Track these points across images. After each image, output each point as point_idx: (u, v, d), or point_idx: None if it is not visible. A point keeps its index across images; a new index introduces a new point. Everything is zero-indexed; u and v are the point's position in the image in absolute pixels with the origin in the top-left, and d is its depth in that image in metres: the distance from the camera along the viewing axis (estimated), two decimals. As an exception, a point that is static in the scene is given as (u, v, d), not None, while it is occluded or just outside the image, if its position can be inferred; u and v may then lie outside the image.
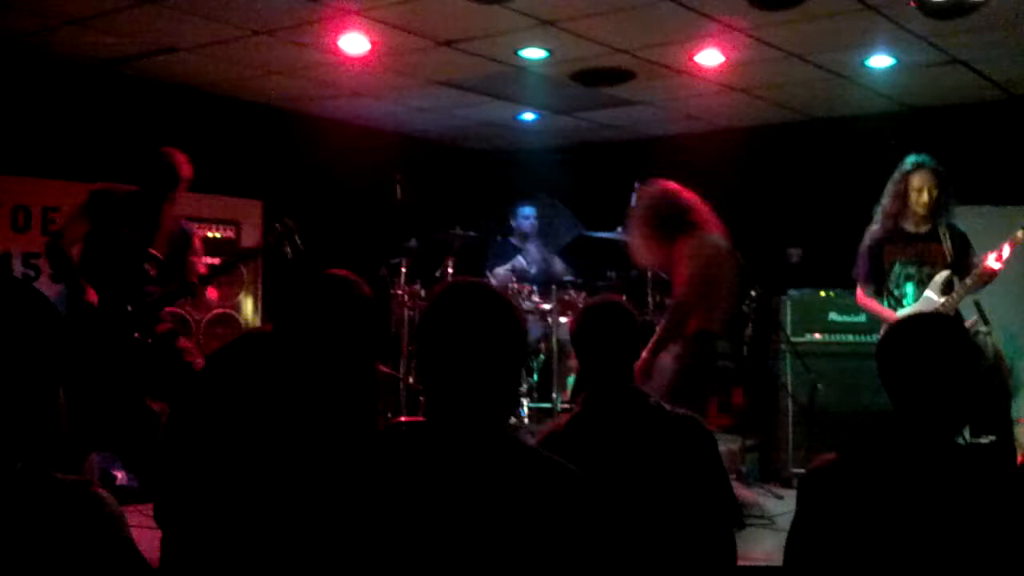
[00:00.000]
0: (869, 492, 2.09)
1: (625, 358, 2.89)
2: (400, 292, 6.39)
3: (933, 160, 4.99)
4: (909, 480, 2.08)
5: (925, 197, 4.91)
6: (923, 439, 2.12)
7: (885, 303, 5.05)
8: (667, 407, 2.95)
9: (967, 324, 4.77)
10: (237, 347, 3.16)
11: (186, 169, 4.84)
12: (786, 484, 6.03)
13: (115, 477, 5.18)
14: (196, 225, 6.87)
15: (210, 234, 6.97)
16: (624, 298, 3.32)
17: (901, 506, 2.05)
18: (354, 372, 3.01)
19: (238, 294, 7.08)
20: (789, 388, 6.25)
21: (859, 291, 5.19)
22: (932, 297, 4.85)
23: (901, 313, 4.88)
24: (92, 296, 4.62)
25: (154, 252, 4.79)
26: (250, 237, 7.16)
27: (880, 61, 6.24)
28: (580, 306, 6.41)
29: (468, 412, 1.88)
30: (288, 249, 4.90)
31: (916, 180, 4.93)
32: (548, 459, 1.92)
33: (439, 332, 1.92)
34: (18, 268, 5.98)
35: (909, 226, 4.99)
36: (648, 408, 2.88)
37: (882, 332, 2.35)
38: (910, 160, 5.00)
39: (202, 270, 4.99)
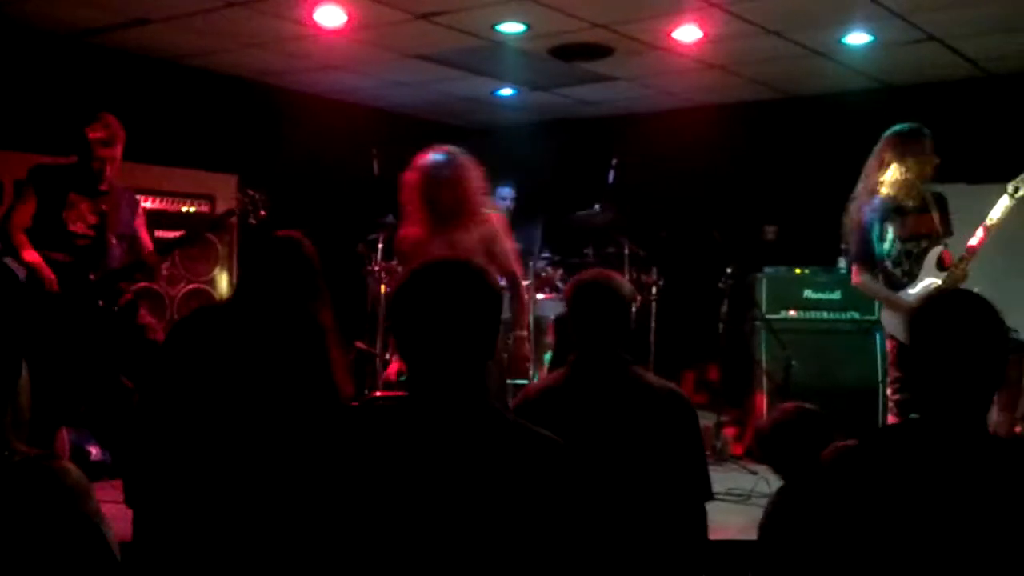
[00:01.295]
0: (899, 481, 2.03)
1: (615, 330, 2.90)
2: (377, 268, 6.36)
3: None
4: (940, 468, 2.02)
5: (936, 160, 4.75)
6: (954, 423, 2.05)
7: (882, 282, 4.81)
8: (649, 377, 2.95)
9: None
10: (193, 320, 3.17)
11: (120, 131, 4.76)
12: (760, 460, 6.07)
13: (89, 452, 5.15)
14: (170, 199, 6.89)
15: (184, 208, 6.92)
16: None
17: (934, 495, 2.00)
18: (304, 328, 3.03)
19: (213, 269, 7.04)
20: (764, 365, 6.28)
21: (856, 273, 4.89)
22: (932, 274, 4.70)
23: (908, 292, 4.70)
24: (48, 273, 4.55)
25: (111, 220, 4.76)
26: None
27: (857, 38, 6.25)
28: (561, 282, 6.47)
29: (450, 386, 1.89)
30: (252, 219, 4.89)
31: (929, 145, 4.75)
32: (533, 431, 1.92)
33: (416, 306, 1.92)
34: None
35: (904, 199, 4.77)
36: (629, 377, 2.88)
37: (914, 308, 2.26)
38: (914, 127, 4.79)
39: (148, 242, 4.96)
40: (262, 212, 4.89)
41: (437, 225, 4.49)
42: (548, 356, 6.59)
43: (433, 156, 4.57)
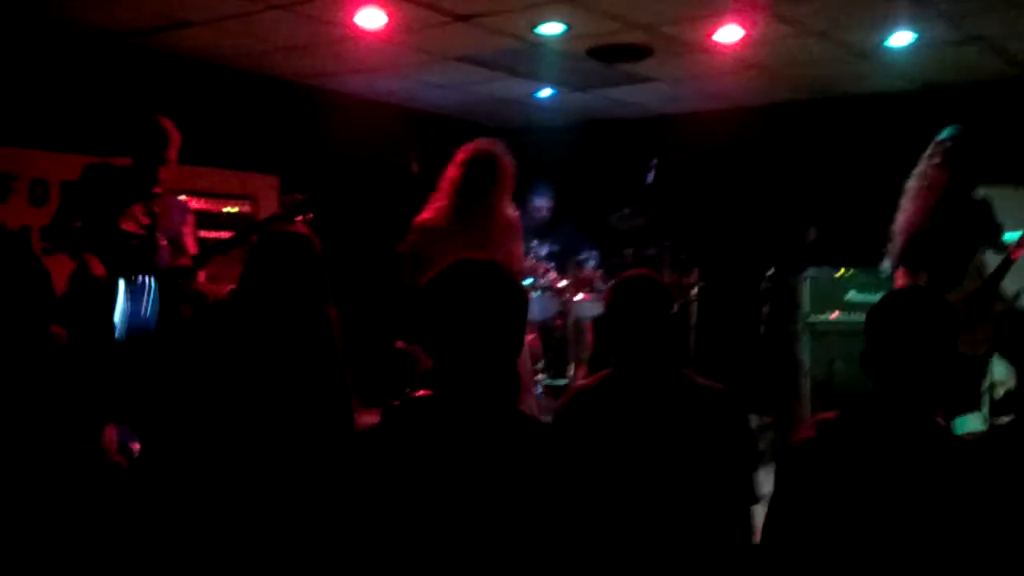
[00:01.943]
0: (849, 471, 2.12)
1: (659, 330, 2.88)
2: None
3: None
4: (888, 460, 2.11)
5: (981, 164, 4.71)
6: (905, 418, 2.16)
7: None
8: (698, 379, 2.93)
9: (1011, 293, 4.62)
10: (206, 318, 3.22)
11: (175, 134, 4.82)
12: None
13: (133, 450, 5.21)
14: (213, 200, 6.96)
15: (227, 209, 6.99)
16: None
17: (881, 485, 2.08)
18: (312, 324, 3.07)
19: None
20: (806, 367, 6.23)
21: (900, 276, 4.81)
22: (973, 279, 4.64)
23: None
24: (99, 270, 4.62)
25: (164, 223, 4.82)
26: (267, 212, 7.16)
27: (900, 39, 6.18)
28: (600, 282, 6.47)
29: (475, 385, 1.90)
30: (300, 221, 4.91)
31: (976, 149, 4.70)
32: (552, 432, 1.94)
33: (444, 306, 1.93)
34: (35, 242, 6.00)
35: (949, 203, 4.70)
36: (678, 379, 2.87)
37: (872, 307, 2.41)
38: (963, 131, 4.74)
39: (191, 249, 5.01)
40: (309, 215, 4.91)
41: (464, 220, 4.57)
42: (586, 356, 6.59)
43: (477, 152, 4.65)
